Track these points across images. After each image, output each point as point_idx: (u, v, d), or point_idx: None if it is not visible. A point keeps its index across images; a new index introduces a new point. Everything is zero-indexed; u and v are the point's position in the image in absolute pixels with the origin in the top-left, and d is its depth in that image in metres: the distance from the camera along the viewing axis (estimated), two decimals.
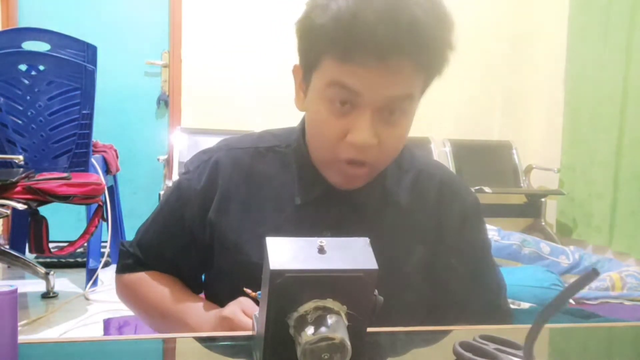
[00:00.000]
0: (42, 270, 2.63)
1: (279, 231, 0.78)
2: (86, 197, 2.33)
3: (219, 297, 0.86)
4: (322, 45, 0.75)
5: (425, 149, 3.80)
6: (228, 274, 0.87)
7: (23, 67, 2.61)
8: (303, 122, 0.88)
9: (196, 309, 0.85)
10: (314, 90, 0.79)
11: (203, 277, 0.96)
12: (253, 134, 0.93)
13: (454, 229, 0.89)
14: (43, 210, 2.33)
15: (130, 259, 0.94)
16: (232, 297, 0.78)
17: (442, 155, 3.91)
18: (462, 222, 0.90)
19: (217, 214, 0.86)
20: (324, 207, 0.84)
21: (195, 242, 0.89)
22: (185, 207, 0.89)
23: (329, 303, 0.51)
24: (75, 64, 2.64)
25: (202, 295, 0.96)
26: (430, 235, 0.87)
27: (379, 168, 0.82)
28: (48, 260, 2.89)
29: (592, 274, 0.44)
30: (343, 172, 0.80)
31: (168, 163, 3.61)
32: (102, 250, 2.83)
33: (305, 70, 0.80)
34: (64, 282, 2.85)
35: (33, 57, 2.62)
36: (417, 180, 0.89)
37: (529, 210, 3.98)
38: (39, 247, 2.33)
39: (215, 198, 0.87)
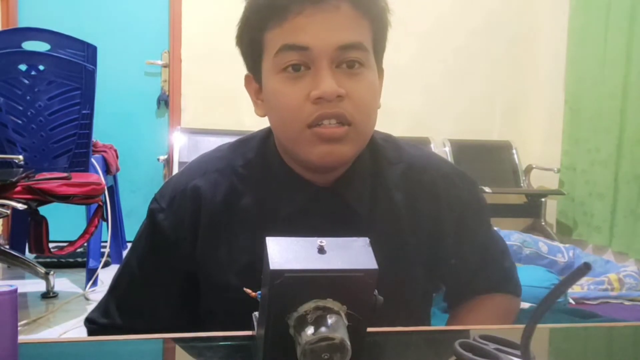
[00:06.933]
0: (42, 270, 2.62)
1: None
2: (86, 197, 2.33)
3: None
4: (261, 22, 0.76)
5: None
6: (215, 311, 0.81)
7: (23, 67, 2.61)
8: (265, 130, 0.85)
9: None
10: (266, 74, 0.77)
11: None
12: (222, 148, 0.87)
13: (453, 223, 0.85)
14: (43, 210, 2.33)
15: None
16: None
17: (442, 155, 3.91)
18: (460, 215, 0.86)
19: (203, 252, 0.80)
20: (314, 213, 0.79)
21: (186, 290, 0.81)
22: (170, 254, 0.80)
23: (329, 303, 0.51)
24: (75, 64, 2.64)
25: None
26: (428, 233, 0.84)
27: (361, 130, 0.75)
28: (48, 260, 2.89)
29: (583, 268, 0.44)
30: (320, 136, 0.73)
31: (168, 163, 3.61)
32: (102, 250, 2.83)
33: (255, 67, 0.80)
34: (64, 282, 2.84)
35: (33, 57, 2.62)
36: (408, 175, 0.84)
37: (529, 210, 3.99)
38: (39, 247, 2.33)
39: (199, 234, 0.79)
